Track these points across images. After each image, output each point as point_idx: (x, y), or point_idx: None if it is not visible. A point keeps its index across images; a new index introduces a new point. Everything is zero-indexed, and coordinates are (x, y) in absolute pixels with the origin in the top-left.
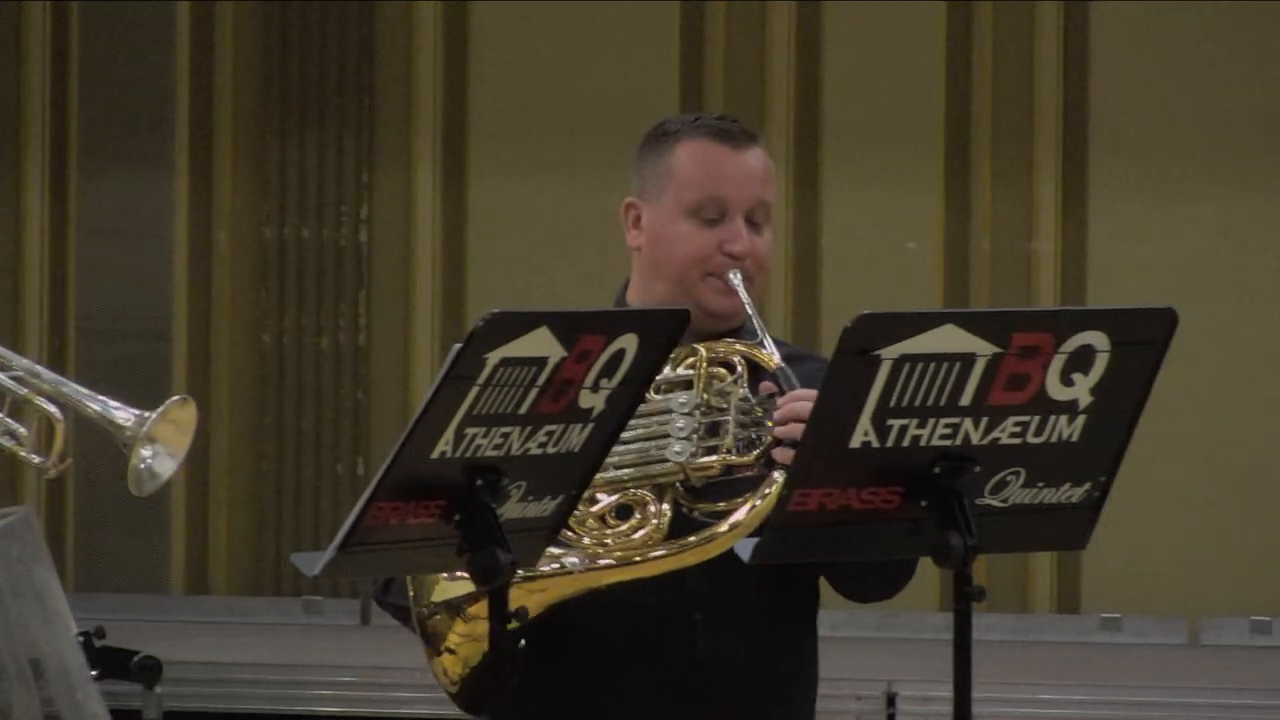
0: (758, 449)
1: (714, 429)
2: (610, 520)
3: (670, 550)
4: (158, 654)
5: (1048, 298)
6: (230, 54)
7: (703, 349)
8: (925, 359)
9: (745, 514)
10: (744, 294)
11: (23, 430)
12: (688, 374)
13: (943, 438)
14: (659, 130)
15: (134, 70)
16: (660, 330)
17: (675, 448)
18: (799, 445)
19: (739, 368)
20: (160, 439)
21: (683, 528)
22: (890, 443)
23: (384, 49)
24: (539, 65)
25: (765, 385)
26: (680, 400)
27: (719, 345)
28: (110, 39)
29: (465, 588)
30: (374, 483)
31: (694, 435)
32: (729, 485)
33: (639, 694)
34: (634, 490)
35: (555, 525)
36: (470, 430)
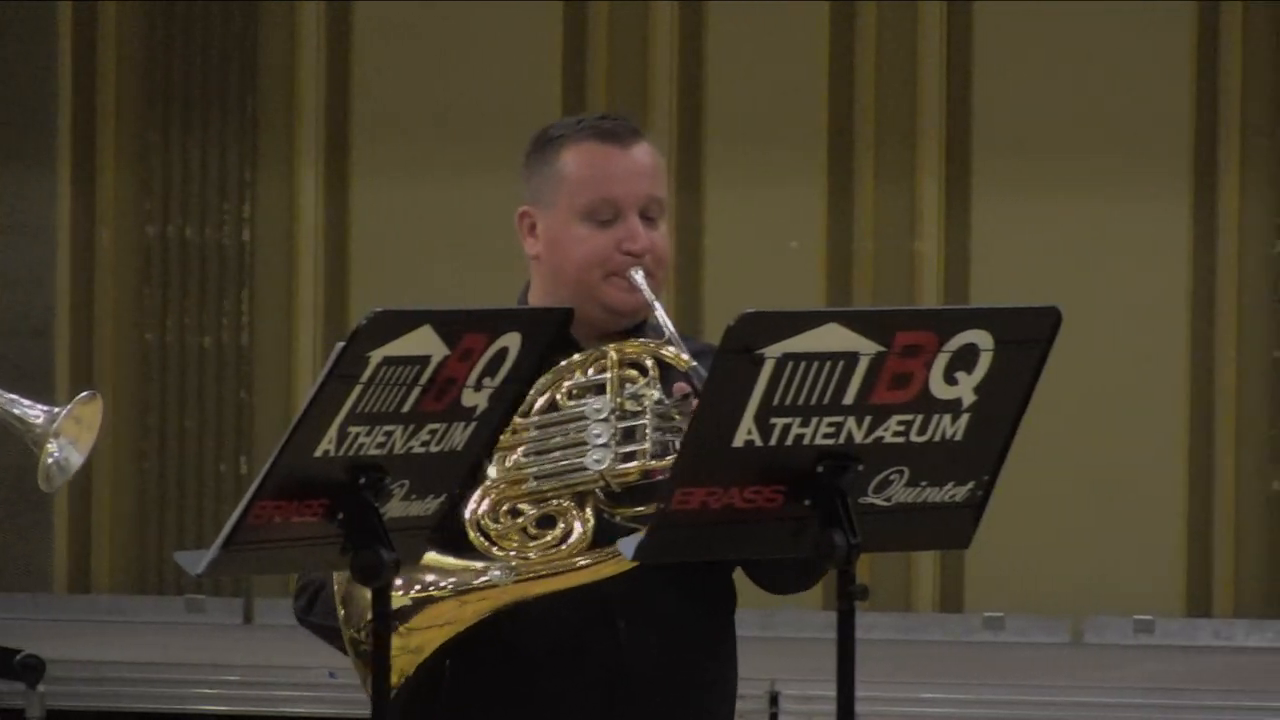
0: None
1: (631, 433)
2: (533, 531)
3: (595, 559)
4: (40, 653)
5: (930, 297)
6: (113, 52)
7: (613, 351)
8: (808, 358)
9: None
10: (647, 291)
11: None
12: (600, 378)
13: (826, 437)
14: (544, 136)
15: (17, 68)
16: (543, 329)
17: (594, 455)
18: (682, 444)
19: (651, 369)
20: (68, 435)
21: (606, 534)
22: (773, 442)
23: (267, 49)
24: (421, 66)
25: (679, 386)
26: (595, 406)
27: (628, 346)
28: None
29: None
30: (257, 481)
31: (612, 441)
32: (649, 489)
33: (565, 702)
34: (555, 501)
35: (438, 524)
36: (353, 429)
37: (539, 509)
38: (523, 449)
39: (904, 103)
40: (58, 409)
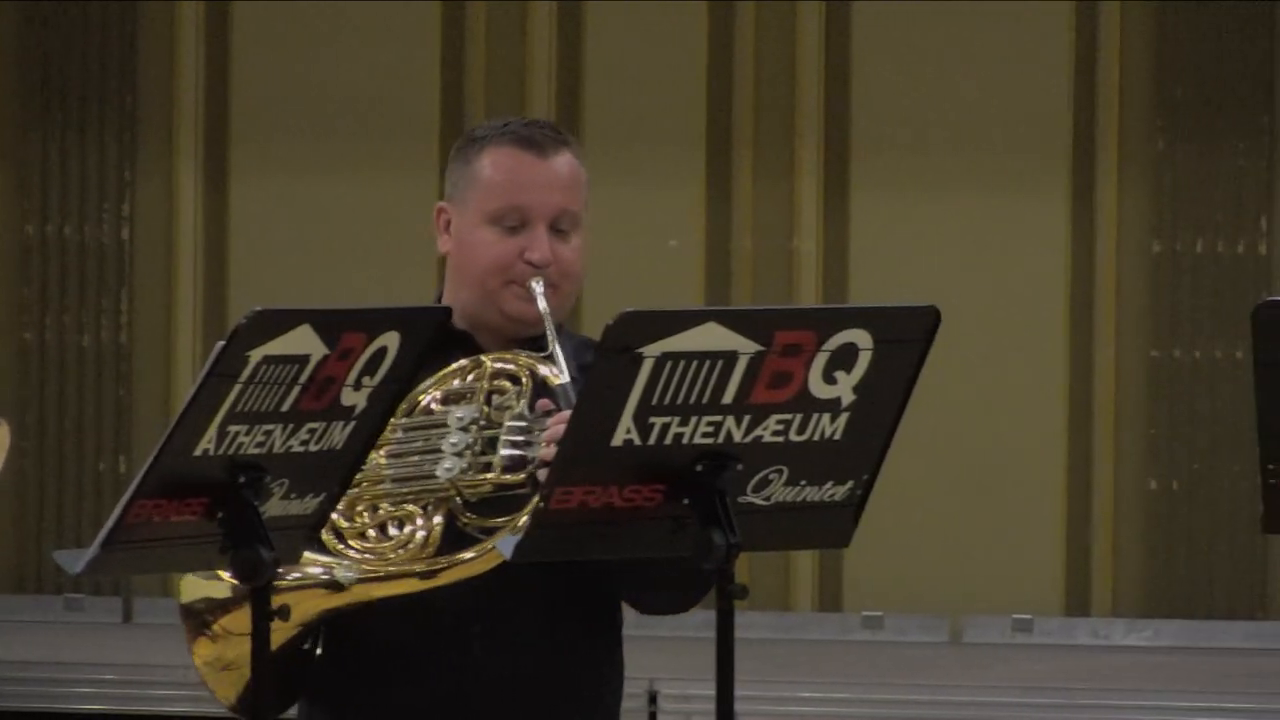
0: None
1: (491, 444)
2: (377, 533)
3: (430, 566)
4: None
5: (809, 296)
6: None
7: (488, 361)
8: (687, 357)
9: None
10: (542, 303)
11: None
12: (472, 387)
13: (705, 436)
14: (469, 136)
15: None
16: (422, 329)
17: (446, 464)
18: (561, 443)
19: (523, 381)
20: None
21: (457, 541)
22: (652, 441)
23: (146, 47)
24: (300, 65)
25: (543, 403)
26: (458, 415)
27: (506, 356)
28: None
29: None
30: (136, 480)
31: (467, 451)
32: (505, 500)
33: (420, 705)
34: (405, 504)
35: (318, 523)
36: (233, 428)
37: (392, 511)
38: (385, 450)
39: (782, 101)
40: None
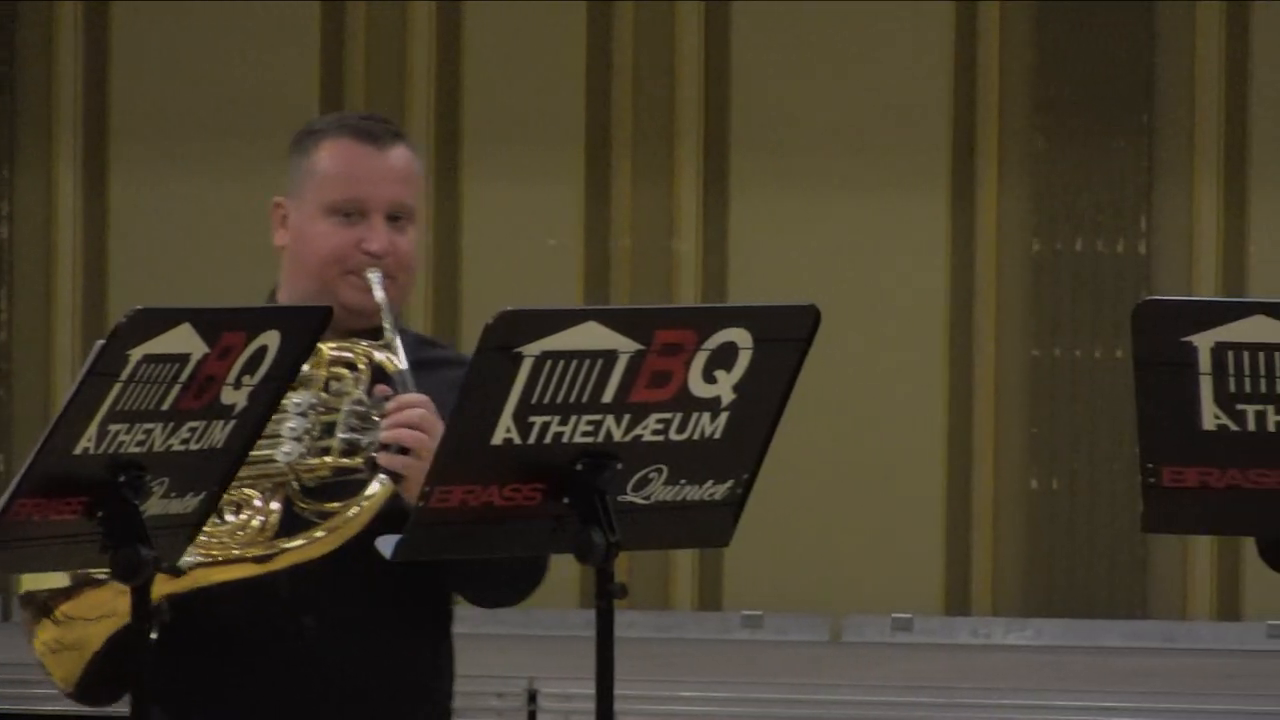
0: (367, 452)
1: (329, 429)
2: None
3: (266, 550)
4: None
5: (689, 295)
6: None
7: (324, 348)
8: (567, 356)
9: (341, 520)
10: (379, 293)
11: None
12: (311, 374)
13: (585, 435)
14: (306, 129)
15: None
16: (302, 327)
17: (285, 448)
18: (441, 442)
19: (361, 368)
20: None
21: (295, 527)
22: (532, 440)
23: (25, 46)
24: (181, 63)
25: (380, 388)
26: (295, 400)
27: (344, 344)
28: None
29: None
30: (16, 479)
31: (306, 436)
32: (343, 485)
33: (255, 695)
34: (244, 489)
35: (198, 522)
36: (113, 427)
37: (230, 496)
38: None
39: (662, 102)
40: None
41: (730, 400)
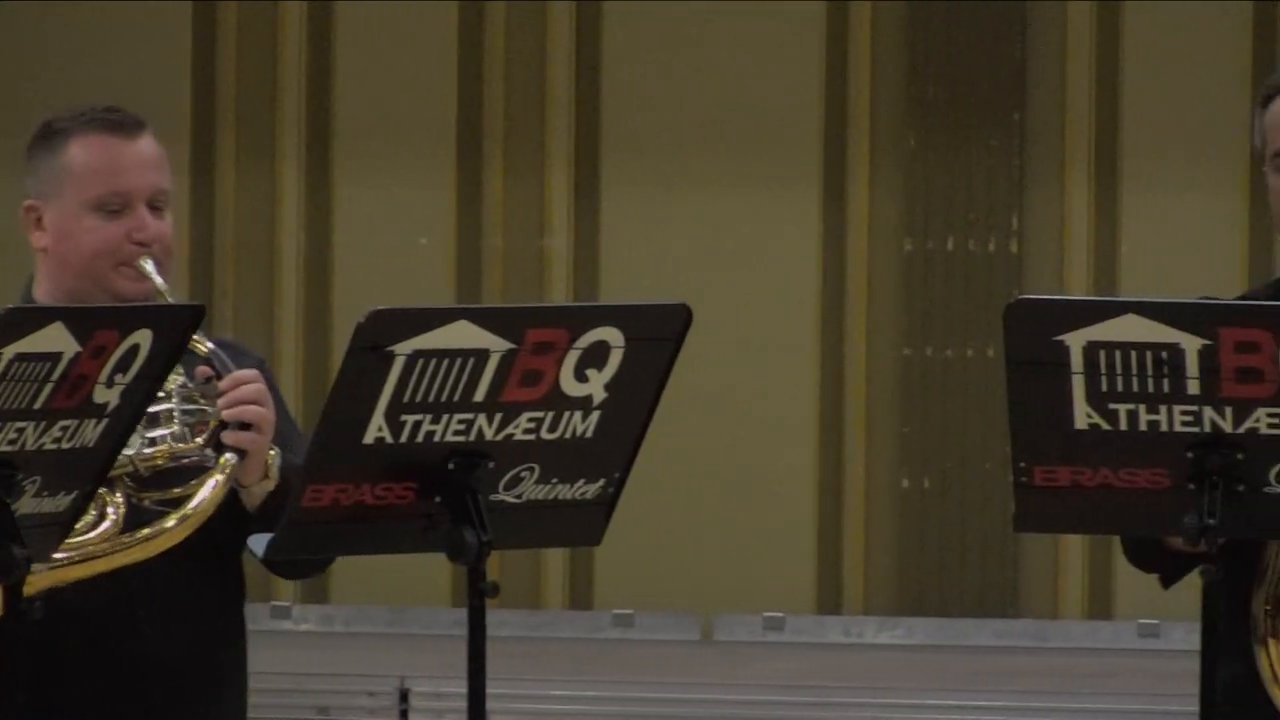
0: (202, 434)
1: (155, 419)
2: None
3: (120, 545)
4: None
5: (560, 294)
6: None
7: None
8: (439, 355)
9: (196, 504)
10: (158, 279)
11: None
12: None
13: (457, 434)
14: (48, 129)
15: None
16: (174, 326)
17: None
18: (313, 441)
19: None
20: None
21: (138, 519)
22: (404, 438)
23: None
24: (50, 66)
25: (202, 370)
26: None
27: None
28: None
29: None
30: None
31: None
32: (178, 473)
33: (93, 693)
34: None
35: (70, 520)
36: None
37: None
38: None
39: (533, 100)
40: None
41: (602, 399)
